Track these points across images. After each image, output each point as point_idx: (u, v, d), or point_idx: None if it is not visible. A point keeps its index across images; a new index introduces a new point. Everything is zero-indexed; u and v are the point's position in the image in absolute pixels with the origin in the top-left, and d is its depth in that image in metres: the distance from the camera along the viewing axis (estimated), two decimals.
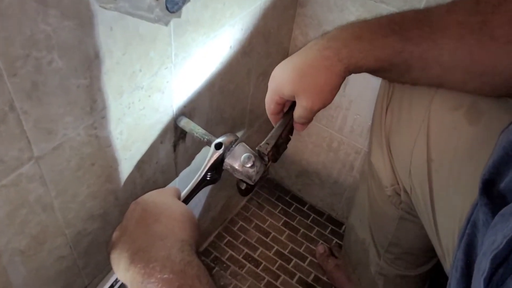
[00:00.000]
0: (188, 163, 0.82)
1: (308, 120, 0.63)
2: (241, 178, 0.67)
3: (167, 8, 0.36)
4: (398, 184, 0.75)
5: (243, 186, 0.67)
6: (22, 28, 0.39)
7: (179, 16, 0.38)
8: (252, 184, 0.66)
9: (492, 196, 0.42)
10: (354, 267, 1.01)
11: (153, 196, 0.59)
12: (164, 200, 0.59)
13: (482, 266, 0.32)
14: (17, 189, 0.48)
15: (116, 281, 0.58)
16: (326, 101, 0.59)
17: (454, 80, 0.57)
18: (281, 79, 0.60)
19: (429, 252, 0.82)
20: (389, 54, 0.54)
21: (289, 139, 0.69)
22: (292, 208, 1.28)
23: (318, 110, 0.60)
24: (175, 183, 0.81)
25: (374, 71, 0.58)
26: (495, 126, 0.59)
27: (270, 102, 0.64)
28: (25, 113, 0.43)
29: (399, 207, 0.78)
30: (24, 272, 0.56)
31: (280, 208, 1.28)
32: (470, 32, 0.51)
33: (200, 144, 0.81)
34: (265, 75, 0.94)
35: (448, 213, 0.62)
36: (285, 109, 0.67)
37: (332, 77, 0.56)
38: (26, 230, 0.52)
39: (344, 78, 0.57)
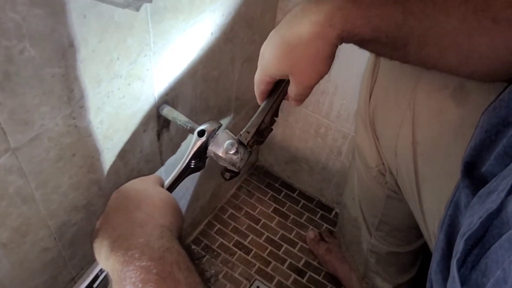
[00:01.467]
0: (173, 152, 0.82)
1: (305, 97, 0.58)
2: (225, 165, 0.66)
3: None
4: (383, 164, 0.75)
5: (228, 176, 0.67)
6: None
7: (150, 1, 0.37)
8: (237, 171, 0.66)
9: (474, 178, 0.42)
10: (348, 246, 1.02)
11: (134, 184, 0.59)
12: (145, 187, 0.58)
13: (456, 248, 0.32)
14: None
15: (101, 271, 0.57)
16: (321, 73, 0.53)
17: (449, 62, 0.54)
18: (269, 57, 0.56)
19: (418, 229, 0.83)
20: (389, 25, 0.49)
21: (274, 121, 0.68)
22: (281, 195, 1.28)
23: (315, 84, 0.55)
24: (161, 172, 0.81)
25: (366, 42, 0.52)
26: (482, 107, 0.58)
27: (259, 82, 0.60)
28: None
29: (386, 187, 0.78)
30: (7, 265, 0.56)
31: (270, 195, 1.28)
32: (473, 13, 0.48)
33: (185, 132, 0.80)
34: (250, 62, 0.93)
35: (433, 195, 0.62)
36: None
37: (324, 47, 0.50)
38: (7, 222, 0.52)
39: (336, 46, 0.52)
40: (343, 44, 0.53)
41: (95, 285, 0.57)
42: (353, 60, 0.91)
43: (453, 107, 0.60)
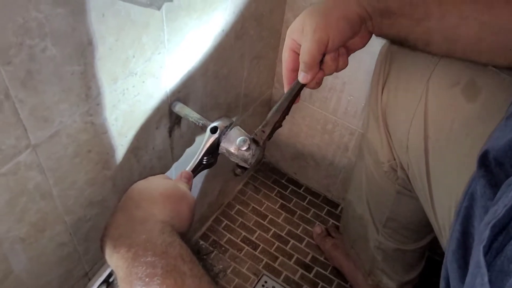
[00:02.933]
0: (184, 148, 0.82)
1: (309, 62, 0.57)
2: (236, 161, 0.67)
3: None
4: (394, 160, 0.76)
5: (239, 173, 0.68)
6: (14, 16, 0.39)
7: (171, 0, 0.38)
8: (248, 167, 0.67)
9: (490, 169, 0.43)
10: (353, 243, 1.03)
11: (138, 184, 0.59)
12: (147, 185, 0.59)
13: (483, 236, 0.33)
14: (16, 178, 0.48)
15: None
16: (330, 30, 0.54)
17: (468, 35, 0.54)
18: (296, 19, 0.58)
19: (426, 227, 0.84)
20: None
21: (284, 119, 0.69)
22: (288, 191, 1.29)
23: (320, 44, 0.55)
24: (172, 169, 0.82)
25: (390, 14, 0.55)
26: (492, 103, 0.59)
27: (284, 50, 0.61)
28: (20, 102, 0.43)
29: (396, 183, 0.79)
30: (25, 260, 0.57)
31: (276, 191, 1.29)
32: None
33: (196, 129, 0.81)
34: (259, 59, 0.94)
35: (444, 189, 0.63)
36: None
37: (342, 5, 0.54)
38: (26, 217, 0.53)
39: (356, 15, 0.54)
40: None
41: (111, 279, 0.58)
42: (361, 57, 0.91)
43: (464, 103, 0.61)
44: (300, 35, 0.56)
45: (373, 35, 0.61)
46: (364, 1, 0.55)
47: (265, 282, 1.10)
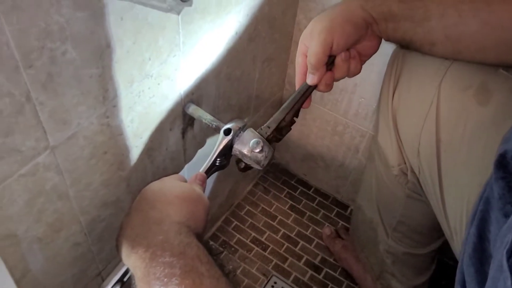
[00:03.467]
0: (196, 150, 0.83)
1: (315, 63, 0.60)
2: (249, 163, 0.68)
3: None
4: (405, 163, 0.76)
5: (242, 165, 0.69)
6: (37, 20, 0.39)
7: (191, 5, 0.38)
8: (261, 168, 0.67)
9: (509, 170, 0.43)
10: (362, 247, 1.03)
11: (153, 185, 0.60)
12: (161, 187, 0.59)
13: (505, 239, 0.33)
14: (34, 178, 0.49)
15: None
16: (336, 34, 0.58)
17: (470, 33, 0.57)
18: (307, 27, 0.62)
19: (437, 231, 0.84)
20: None
21: (294, 122, 0.69)
22: (297, 192, 1.29)
23: (325, 46, 0.59)
24: (184, 170, 0.82)
25: (394, 18, 0.59)
26: (504, 107, 0.59)
27: (297, 55, 0.64)
28: (41, 104, 0.44)
29: (406, 186, 0.79)
30: (41, 259, 0.57)
31: (286, 192, 1.29)
32: None
33: (208, 130, 0.82)
34: (270, 61, 0.95)
35: (456, 193, 0.63)
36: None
37: (347, 8, 0.58)
38: (43, 218, 0.54)
39: (361, 19, 0.59)
40: None
41: (125, 278, 0.59)
42: (373, 59, 0.91)
43: (477, 107, 0.61)
44: (309, 40, 0.60)
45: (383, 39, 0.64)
46: (368, 6, 0.59)
47: (275, 283, 1.10)
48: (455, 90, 0.63)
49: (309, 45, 0.60)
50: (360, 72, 0.65)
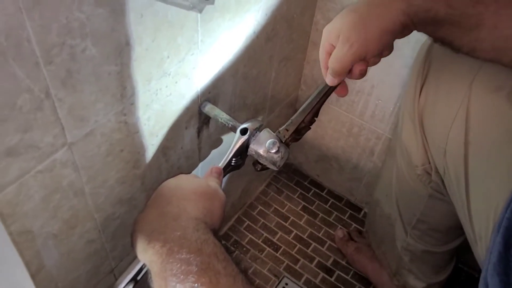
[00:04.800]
0: (211, 149, 0.83)
1: (338, 70, 0.56)
2: (265, 163, 0.67)
3: None
4: (429, 163, 0.74)
5: (258, 168, 0.68)
6: (58, 16, 0.39)
7: (213, 3, 0.38)
8: (276, 169, 0.67)
9: None
10: (379, 242, 1.01)
11: (169, 182, 0.60)
12: (177, 183, 0.59)
13: None
14: (52, 175, 0.49)
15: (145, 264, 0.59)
16: (370, 46, 0.51)
17: None
18: (334, 21, 0.55)
19: (457, 230, 0.82)
20: (463, 2, 0.48)
21: (314, 121, 0.68)
22: (310, 193, 1.29)
23: (355, 57, 0.53)
24: (198, 169, 0.82)
25: (438, 24, 0.51)
26: None
27: (321, 51, 0.59)
28: (60, 101, 0.44)
29: (429, 186, 0.77)
30: (56, 255, 0.57)
31: (298, 193, 1.28)
32: None
33: (223, 130, 0.81)
34: (287, 60, 0.94)
35: (484, 197, 0.61)
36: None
37: (386, 15, 0.49)
38: (59, 214, 0.54)
39: (401, 25, 0.50)
40: None
41: (139, 277, 0.59)
42: (391, 61, 0.90)
43: (509, 109, 0.59)
44: (336, 41, 0.55)
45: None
46: (411, 10, 0.50)
47: (286, 284, 1.09)
48: (487, 91, 0.61)
49: (335, 46, 0.55)
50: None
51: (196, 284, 0.44)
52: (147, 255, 0.50)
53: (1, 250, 0.23)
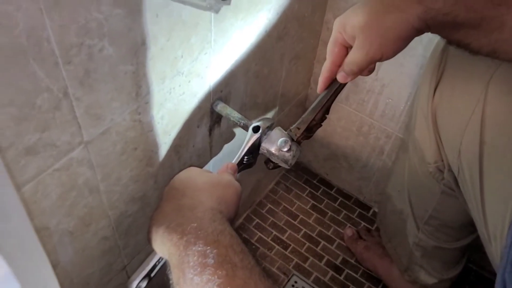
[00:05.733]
0: (221, 147, 0.83)
1: (356, 71, 0.56)
2: (277, 162, 0.67)
3: None
4: (442, 161, 0.74)
5: (271, 166, 0.69)
6: (77, 16, 0.40)
7: (229, 3, 0.38)
8: (288, 167, 0.67)
9: None
10: (390, 237, 1.01)
11: (179, 175, 0.60)
12: (189, 175, 0.59)
13: None
14: (68, 173, 0.49)
15: (159, 261, 0.59)
16: (385, 52, 0.51)
17: None
18: (348, 15, 0.54)
19: (469, 227, 0.82)
20: (485, 4, 0.46)
21: (325, 118, 0.68)
22: (319, 191, 1.29)
23: (372, 61, 0.53)
24: (210, 167, 0.82)
25: (456, 27, 0.49)
26: None
27: (332, 43, 0.57)
28: (77, 100, 0.44)
29: (442, 183, 0.77)
30: (71, 252, 0.58)
31: (307, 191, 1.29)
32: None
33: (235, 128, 0.82)
34: (297, 59, 0.94)
35: (499, 198, 0.61)
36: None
37: (402, 21, 0.48)
38: (75, 212, 0.54)
39: (416, 30, 0.49)
40: None
41: (152, 274, 0.59)
42: (403, 60, 0.91)
43: None
44: (351, 40, 0.55)
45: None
46: (429, 16, 0.48)
47: (295, 282, 1.10)
48: (504, 91, 0.60)
49: (351, 42, 0.55)
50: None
51: (213, 277, 0.44)
52: (165, 247, 0.50)
53: (28, 246, 0.24)
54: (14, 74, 0.37)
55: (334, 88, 0.64)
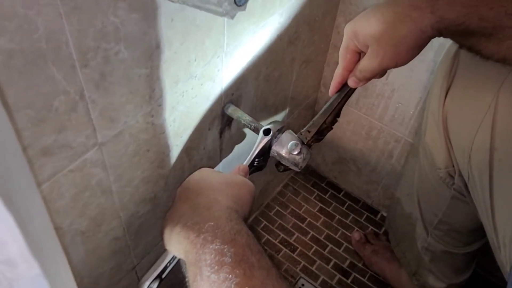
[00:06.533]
0: (231, 150, 0.84)
1: (368, 78, 0.57)
2: (287, 165, 0.68)
3: (235, 1, 0.37)
4: (452, 167, 0.74)
5: (281, 169, 0.69)
6: (95, 20, 0.40)
7: (245, 9, 0.39)
8: (299, 170, 0.68)
9: None
10: (398, 241, 1.01)
11: (193, 176, 0.60)
12: (202, 175, 0.60)
13: None
14: (82, 174, 0.50)
15: (170, 262, 0.60)
16: (399, 61, 0.52)
17: None
18: (360, 23, 0.55)
19: (478, 232, 0.81)
20: (497, 14, 0.46)
21: (336, 122, 0.69)
22: (327, 195, 1.29)
23: (385, 69, 0.55)
24: (219, 169, 0.83)
25: (468, 35, 0.50)
26: None
27: (344, 48, 0.58)
28: (93, 102, 0.45)
29: (452, 188, 0.77)
30: (83, 252, 0.59)
31: (315, 194, 1.29)
32: None
33: (244, 131, 0.82)
34: (308, 63, 0.94)
35: (509, 205, 0.61)
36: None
37: (416, 32, 0.48)
38: (87, 212, 0.55)
39: (429, 38, 0.50)
40: None
41: (164, 275, 0.60)
42: (413, 65, 0.90)
43: None
44: (364, 47, 0.55)
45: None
46: (442, 26, 0.49)
47: (302, 285, 1.10)
48: None
49: (361, 49, 0.56)
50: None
51: (230, 276, 0.44)
52: (181, 246, 0.50)
53: (50, 246, 0.24)
54: (33, 77, 0.38)
55: (345, 91, 0.64)
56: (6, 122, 0.21)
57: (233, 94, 0.72)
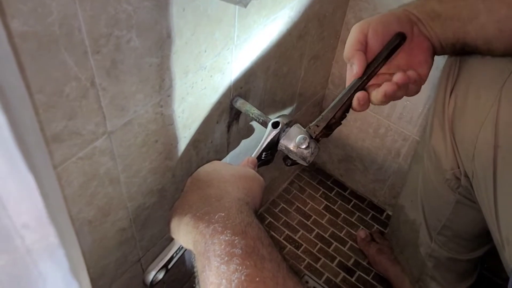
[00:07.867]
0: (239, 144, 0.83)
1: (349, 54, 0.62)
2: (295, 159, 0.68)
3: None
4: (458, 168, 0.74)
5: (289, 163, 0.69)
6: (108, 7, 0.40)
7: None
8: (306, 165, 0.67)
9: None
10: (402, 248, 1.01)
11: (204, 167, 0.60)
12: (214, 167, 0.60)
13: None
14: (90, 162, 0.50)
15: (176, 253, 0.60)
16: (377, 26, 0.60)
17: None
18: (367, 18, 0.61)
19: (483, 237, 0.81)
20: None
21: (345, 117, 0.68)
22: (333, 193, 1.29)
23: (362, 36, 0.60)
24: (226, 159, 0.83)
25: (438, 15, 0.59)
26: None
27: (353, 42, 0.61)
28: (103, 90, 0.45)
29: (457, 191, 0.77)
30: (89, 241, 0.59)
31: (321, 192, 1.28)
32: None
33: (252, 125, 0.82)
34: (316, 59, 0.94)
35: (511, 202, 0.61)
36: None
37: (392, 11, 0.60)
38: (95, 201, 0.55)
39: (407, 16, 0.60)
40: None
41: (170, 265, 0.60)
42: None
43: None
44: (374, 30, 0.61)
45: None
46: (410, 7, 0.60)
47: (306, 282, 1.10)
48: None
49: (371, 27, 0.61)
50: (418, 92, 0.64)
51: (240, 267, 0.43)
52: (190, 235, 0.50)
53: (66, 231, 0.24)
54: (45, 62, 0.38)
55: (355, 86, 0.64)
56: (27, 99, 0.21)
57: (242, 88, 0.72)
